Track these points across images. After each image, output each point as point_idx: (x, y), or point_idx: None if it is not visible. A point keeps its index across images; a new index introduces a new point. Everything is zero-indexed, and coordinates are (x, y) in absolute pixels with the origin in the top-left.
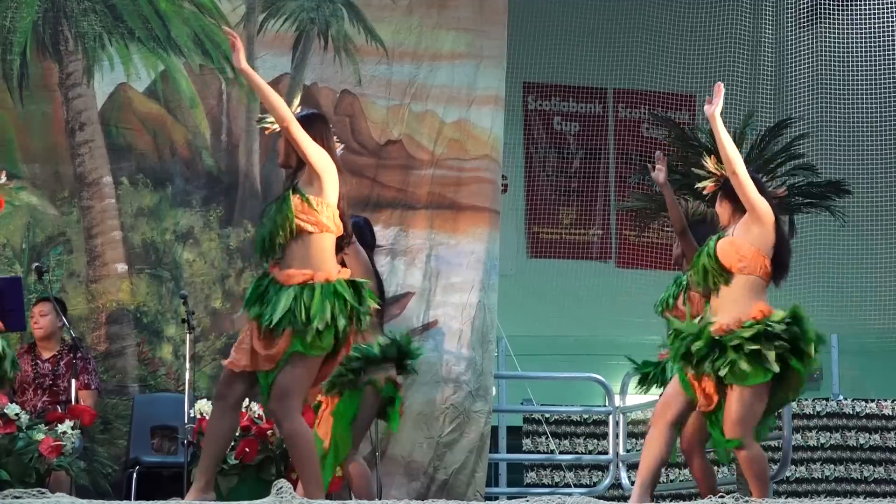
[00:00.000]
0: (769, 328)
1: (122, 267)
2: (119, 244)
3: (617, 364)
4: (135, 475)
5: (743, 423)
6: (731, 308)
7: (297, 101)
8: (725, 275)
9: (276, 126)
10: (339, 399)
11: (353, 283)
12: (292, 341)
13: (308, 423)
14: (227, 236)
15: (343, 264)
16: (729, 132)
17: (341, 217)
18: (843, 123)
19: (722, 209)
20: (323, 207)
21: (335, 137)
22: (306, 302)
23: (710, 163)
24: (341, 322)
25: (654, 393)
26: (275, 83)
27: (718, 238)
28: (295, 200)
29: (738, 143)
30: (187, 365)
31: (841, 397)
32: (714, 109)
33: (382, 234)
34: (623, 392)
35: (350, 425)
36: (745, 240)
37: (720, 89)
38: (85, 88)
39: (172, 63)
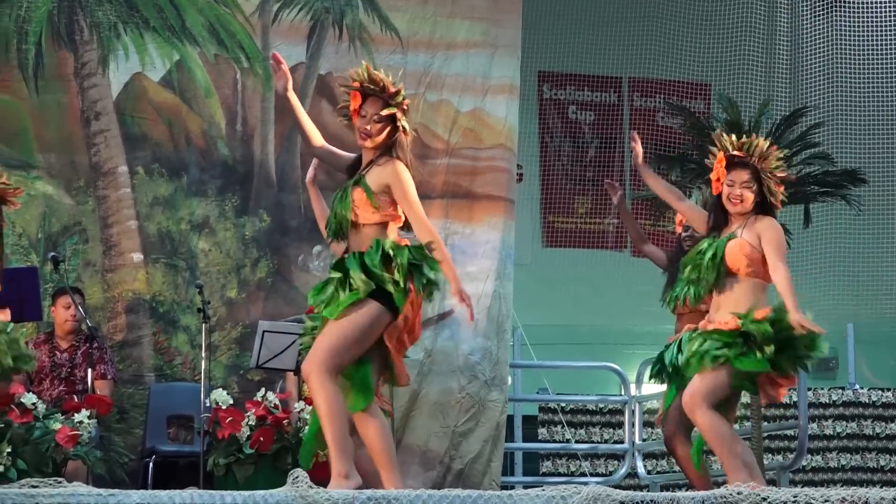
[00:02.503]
0: (752, 329)
1: (137, 256)
2: (135, 234)
3: (632, 353)
4: (151, 464)
5: (704, 393)
6: (733, 308)
7: (311, 89)
8: (731, 276)
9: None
10: None
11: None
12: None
13: None
14: (243, 226)
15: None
16: (744, 121)
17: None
18: (858, 112)
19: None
20: (383, 203)
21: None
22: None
23: (726, 141)
24: (383, 278)
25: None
26: (290, 72)
27: (729, 238)
28: (356, 194)
29: (754, 132)
30: (203, 354)
31: (857, 386)
32: (638, 159)
33: None
34: (639, 381)
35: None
36: (753, 244)
37: (636, 137)
38: (100, 78)
39: (187, 53)
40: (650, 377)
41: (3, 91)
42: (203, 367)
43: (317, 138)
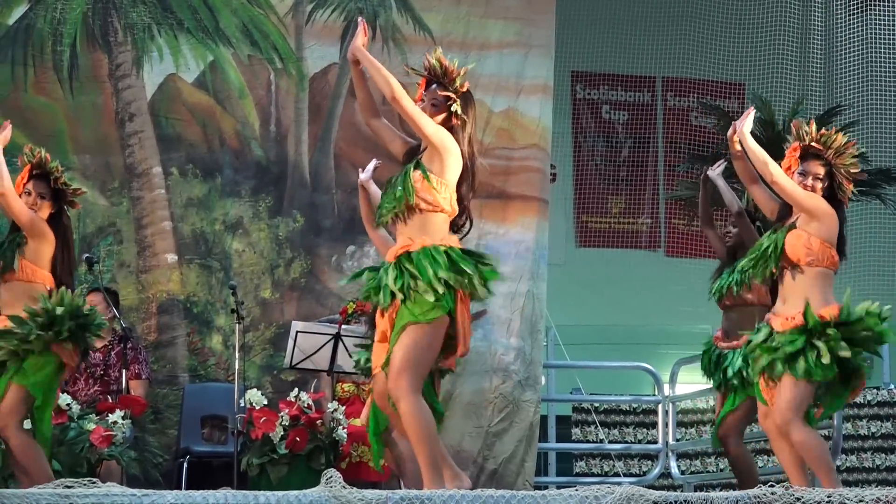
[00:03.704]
0: (825, 328)
1: (171, 257)
2: (169, 234)
3: (666, 353)
4: (185, 465)
5: (793, 407)
6: (799, 301)
7: (345, 90)
8: (793, 268)
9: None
10: None
11: (457, 250)
12: (399, 311)
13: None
14: (277, 226)
15: None
16: (778, 120)
17: (460, 200)
18: (893, 111)
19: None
20: (442, 187)
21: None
22: (408, 268)
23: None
24: (448, 284)
25: (703, 382)
26: (323, 73)
27: (789, 229)
28: (415, 176)
29: (788, 130)
30: (237, 355)
31: (892, 386)
32: (742, 127)
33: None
34: (672, 381)
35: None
36: (809, 232)
37: (750, 113)
38: (134, 79)
39: (221, 54)
40: (704, 374)
41: (38, 93)
42: (237, 368)
43: (376, 110)
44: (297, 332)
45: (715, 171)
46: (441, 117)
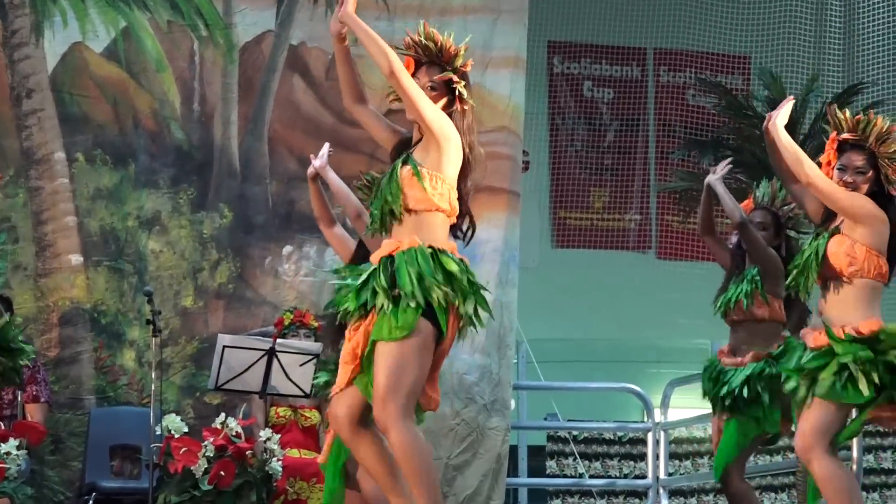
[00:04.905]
0: (867, 347)
1: (76, 258)
2: (73, 231)
3: (657, 372)
4: (91, 503)
5: (817, 434)
6: (842, 315)
7: (281, 62)
8: (834, 279)
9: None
10: None
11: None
12: (377, 325)
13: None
14: (200, 222)
15: None
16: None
17: (459, 197)
18: None
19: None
20: (438, 182)
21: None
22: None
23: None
24: (436, 292)
25: (700, 406)
26: (256, 43)
27: (831, 234)
28: (403, 173)
29: (801, 112)
30: (153, 374)
31: None
32: (777, 119)
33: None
34: (664, 405)
35: None
36: (854, 238)
37: (790, 102)
38: (33, 49)
39: (135, 19)
40: (704, 396)
41: None
42: (153, 389)
43: (362, 94)
44: (224, 346)
45: (715, 177)
46: (441, 103)
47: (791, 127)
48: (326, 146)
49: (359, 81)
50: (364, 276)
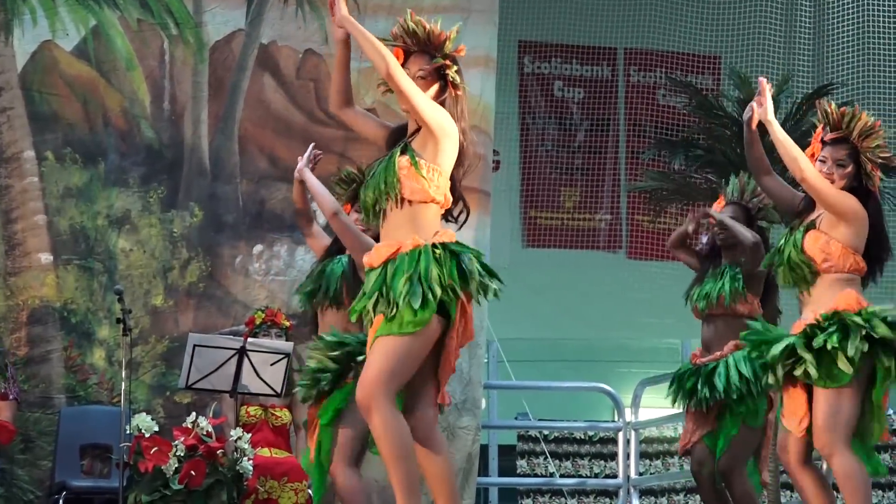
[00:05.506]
0: (848, 322)
1: (46, 257)
2: (43, 230)
3: (628, 372)
4: (61, 502)
5: (829, 429)
6: (817, 307)
7: (251, 61)
8: (811, 272)
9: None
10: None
11: (453, 246)
12: (381, 325)
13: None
14: (170, 221)
15: None
16: None
17: (453, 189)
18: (892, 90)
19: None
20: (434, 174)
21: None
22: (389, 275)
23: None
24: (436, 291)
25: (670, 406)
26: (226, 42)
27: (807, 228)
28: (402, 162)
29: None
30: (123, 373)
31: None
32: (766, 113)
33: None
34: (635, 405)
35: (332, 422)
36: (831, 235)
37: (765, 87)
38: (3, 47)
39: (105, 17)
40: (673, 401)
41: None
42: (123, 388)
43: (351, 97)
44: (195, 346)
45: (723, 214)
46: (433, 90)
47: (763, 126)
48: (311, 147)
49: (350, 87)
50: (372, 282)
